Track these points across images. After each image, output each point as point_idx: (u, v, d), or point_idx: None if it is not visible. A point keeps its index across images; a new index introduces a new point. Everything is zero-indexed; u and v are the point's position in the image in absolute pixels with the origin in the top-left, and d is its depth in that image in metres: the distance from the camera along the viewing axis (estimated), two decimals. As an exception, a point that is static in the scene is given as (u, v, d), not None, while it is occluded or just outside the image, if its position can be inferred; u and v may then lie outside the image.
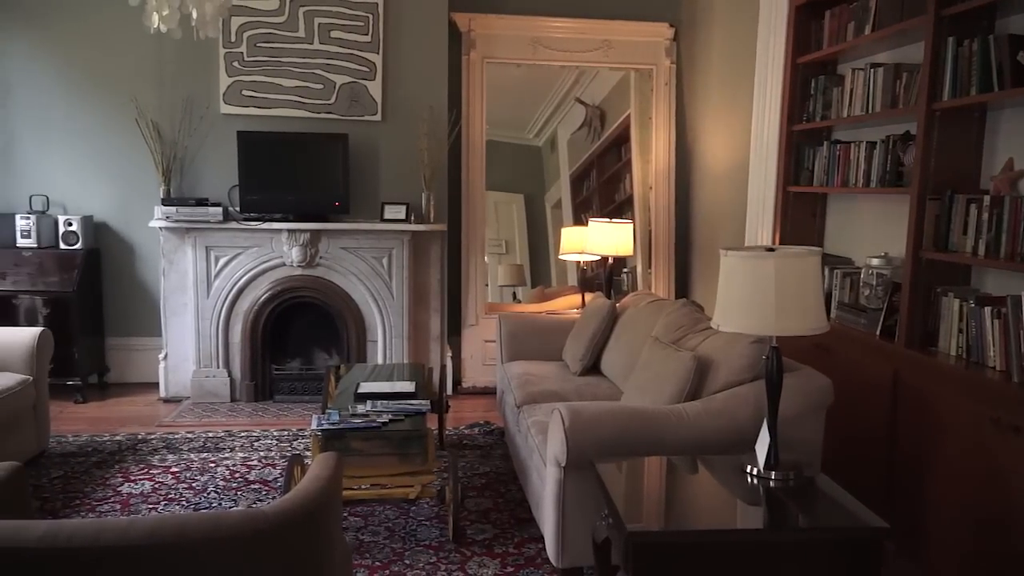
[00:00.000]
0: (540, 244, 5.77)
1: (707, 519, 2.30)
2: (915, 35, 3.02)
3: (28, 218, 4.94)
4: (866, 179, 3.30)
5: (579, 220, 5.60)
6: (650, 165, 5.54)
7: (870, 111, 3.28)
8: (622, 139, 5.61)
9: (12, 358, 3.78)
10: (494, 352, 4.89)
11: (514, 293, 5.87)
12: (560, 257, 5.54)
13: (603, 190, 5.69)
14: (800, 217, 3.87)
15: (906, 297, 2.92)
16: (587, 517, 2.58)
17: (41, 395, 3.86)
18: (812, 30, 3.73)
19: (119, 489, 3.54)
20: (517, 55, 5.37)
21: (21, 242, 4.95)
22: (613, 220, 5.11)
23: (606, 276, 5.14)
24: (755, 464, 2.35)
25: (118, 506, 3.37)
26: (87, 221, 5.05)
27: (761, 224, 4.18)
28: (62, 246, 4.97)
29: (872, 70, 3.27)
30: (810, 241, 3.82)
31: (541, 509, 2.90)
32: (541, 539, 3.00)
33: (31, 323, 4.77)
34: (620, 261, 5.46)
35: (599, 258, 5.21)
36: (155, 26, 2.89)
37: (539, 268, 5.81)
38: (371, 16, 4.93)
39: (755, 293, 2.25)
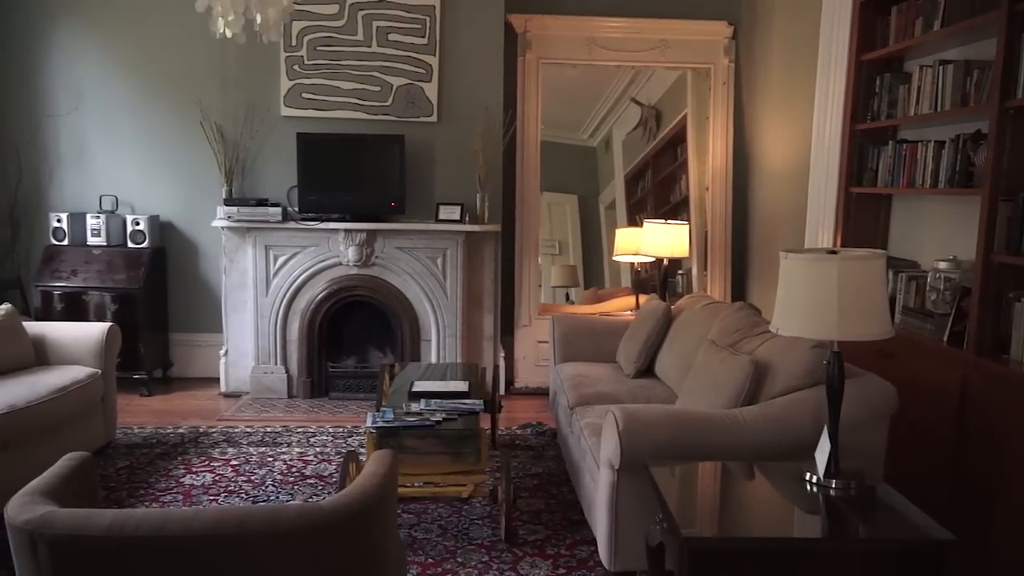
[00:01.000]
0: (593, 245, 5.74)
1: (764, 527, 2.26)
2: (987, 31, 2.91)
3: (98, 217, 5.13)
4: (934, 179, 3.20)
5: (633, 221, 5.55)
6: (707, 165, 5.46)
7: (939, 109, 3.17)
8: (678, 139, 5.55)
9: (82, 352, 3.93)
10: (547, 353, 4.89)
11: (567, 294, 5.86)
12: (614, 258, 5.50)
13: (658, 191, 5.64)
14: (863, 219, 3.77)
15: (976, 302, 2.82)
16: (640, 520, 2.56)
17: (109, 388, 4.00)
18: (877, 26, 3.63)
19: (181, 480, 3.65)
20: (573, 56, 5.35)
21: (91, 240, 5.14)
22: (668, 221, 5.06)
23: (661, 278, 5.08)
24: (815, 472, 2.29)
25: (180, 497, 3.47)
26: (153, 221, 5.22)
27: (822, 226, 4.09)
28: (130, 245, 5.14)
29: (941, 67, 3.16)
30: (873, 243, 3.71)
31: (594, 511, 2.89)
32: (593, 541, 2.98)
33: (100, 318, 4.94)
34: (675, 263, 5.39)
35: (654, 260, 5.16)
36: (221, 31, 2.97)
37: (592, 269, 5.78)
38: (428, 19, 4.97)
39: (817, 296, 2.20)
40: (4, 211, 5.29)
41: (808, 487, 2.29)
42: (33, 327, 4.01)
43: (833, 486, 2.25)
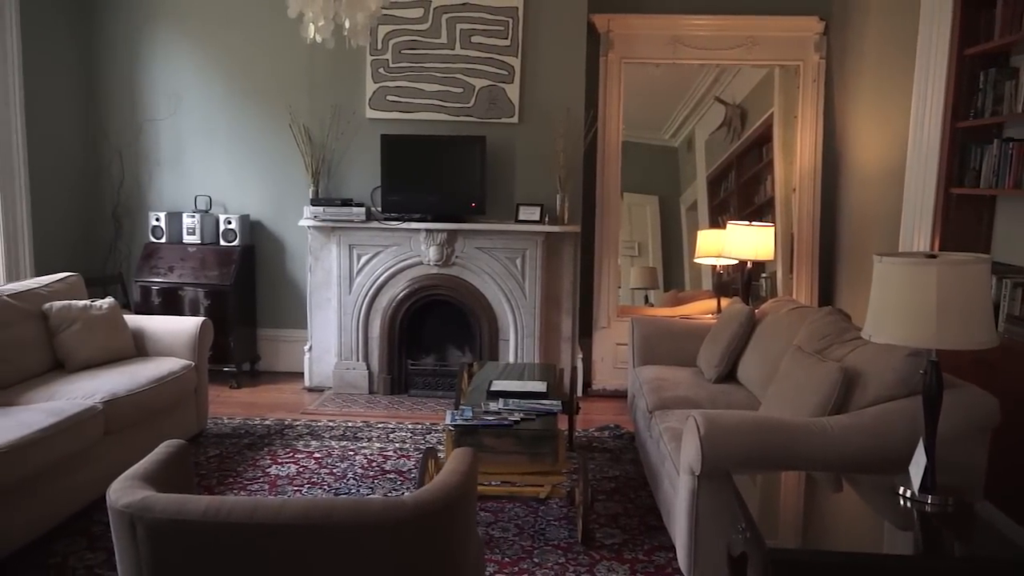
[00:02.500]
0: (674, 247, 5.65)
1: (852, 541, 2.17)
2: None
3: (193, 216, 5.36)
4: (1044, 180, 3.01)
5: (716, 223, 5.44)
6: (794, 166, 5.30)
7: (1050, 106, 2.99)
8: (764, 139, 5.41)
9: (177, 345, 4.11)
10: (625, 355, 4.84)
11: (646, 296, 5.79)
12: (695, 260, 5.40)
13: (742, 192, 5.50)
14: (964, 221, 3.58)
15: (1089, 311, 2.64)
16: (721, 529, 2.50)
17: (202, 379, 4.18)
18: (981, 20, 3.44)
19: (267, 470, 3.77)
20: (656, 55, 5.28)
21: (187, 239, 5.37)
22: (753, 223, 4.93)
23: (744, 281, 4.96)
24: (909, 486, 2.19)
25: (266, 486, 3.59)
26: (244, 220, 5.42)
27: (918, 228, 3.90)
28: (222, 243, 5.36)
29: (1053, 61, 2.98)
30: (975, 247, 3.52)
31: (673, 517, 2.84)
32: (672, 548, 2.93)
33: (194, 313, 5.16)
34: (759, 266, 5.25)
35: (737, 262, 5.04)
36: (311, 37, 3.06)
37: (672, 271, 5.70)
38: (511, 20, 5.00)
39: (914, 302, 2.10)
40: (107, 211, 5.59)
41: (901, 502, 2.19)
42: (133, 320, 4.22)
43: (929, 502, 2.15)
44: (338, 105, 5.13)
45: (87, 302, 3.97)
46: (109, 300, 4.08)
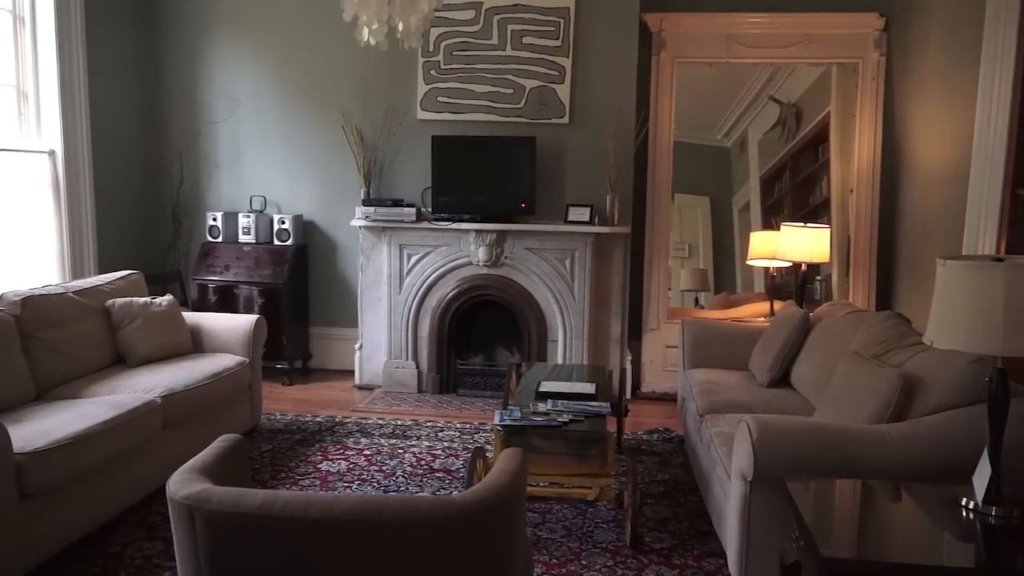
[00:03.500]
0: (725, 248, 5.57)
1: (910, 552, 2.11)
2: None
3: (248, 216, 5.48)
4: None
5: (769, 224, 5.35)
6: (851, 166, 5.17)
7: None
8: (820, 138, 5.29)
9: (233, 341, 4.20)
10: (675, 358, 4.79)
11: (696, 298, 5.72)
12: (747, 262, 5.31)
13: (796, 193, 5.39)
14: (1032, 223, 3.45)
15: None
16: (773, 536, 2.45)
17: (256, 376, 4.27)
18: (1053, 14, 3.31)
19: (319, 466, 3.83)
20: (709, 54, 5.21)
21: (242, 238, 5.50)
22: (808, 224, 4.83)
23: (798, 284, 4.86)
24: (972, 497, 2.12)
25: (317, 482, 3.65)
26: (297, 220, 5.52)
27: (983, 231, 3.77)
28: (276, 242, 5.46)
29: None
30: (1044, 251, 3.39)
31: (724, 523, 2.80)
32: (722, 554, 2.89)
33: (248, 311, 5.27)
34: (813, 268, 5.14)
35: (791, 265, 4.94)
36: (365, 39, 3.10)
37: (723, 273, 5.62)
38: (562, 21, 4.99)
39: (979, 307, 2.03)
40: (167, 211, 5.75)
41: (963, 513, 2.12)
42: (190, 317, 4.33)
43: (993, 513, 2.07)
44: (390, 107, 5.19)
45: (147, 299, 4.09)
46: (168, 297, 4.19)
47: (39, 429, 2.83)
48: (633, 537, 3.04)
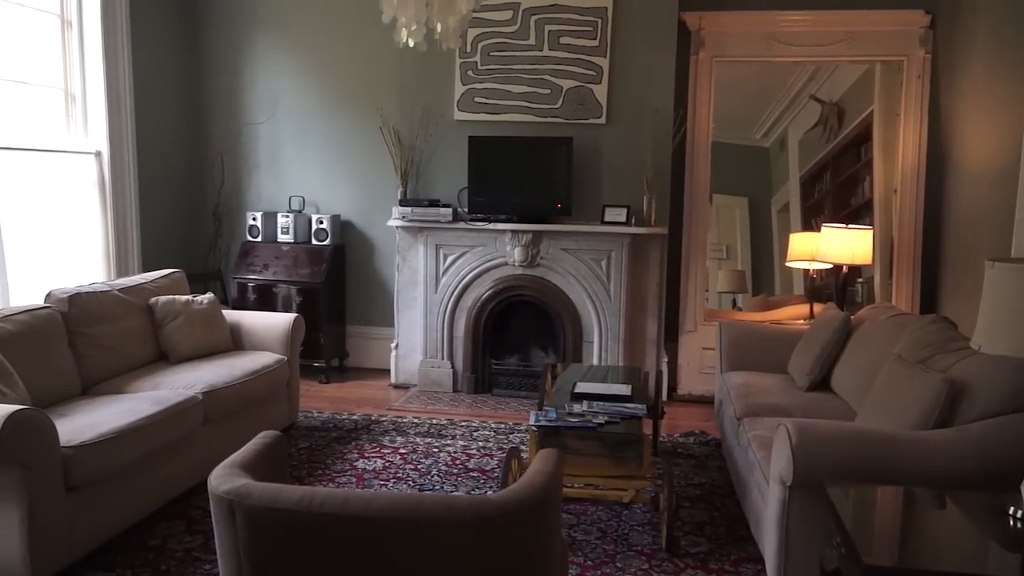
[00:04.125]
0: (763, 250, 5.50)
1: (955, 561, 2.05)
2: None
3: (287, 216, 5.55)
4: None
5: (809, 225, 5.26)
6: (895, 165, 5.07)
7: None
8: (862, 138, 5.19)
9: (271, 339, 4.26)
10: (712, 360, 4.75)
11: (734, 300, 5.65)
12: (787, 264, 5.24)
13: (837, 193, 5.30)
14: (1085, 226, 3.35)
15: None
16: (813, 542, 2.42)
17: (293, 374, 4.32)
18: (1109, 9, 3.21)
19: (355, 464, 3.86)
20: (749, 53, 5.15)
21: (281, 237, 5.57)
22: (850, 226, 4.74)
23: (839, 286, 4.78)
24: (1020, 506, 2.06)
25: (354, 479, 3.68)
26: (335, 220, 5.57)
27: (1033, 233, 3.67)
28: (314, 242, 5.53)
29: None
30: (1097, 254, 3.29)
31: (761, 528, 2.76)
32: (760, 560, 2.85)
33: (287, 309, 5.34)
34: (855, 270, 5.05)
35: (831, 266, 4.86)
36: (403, 41, 3.12)
37: (762, 275, 5.54)
38: (600, 20, 4.97)
39: (1030, 310, 1.98)
40: (209, 210, 5.85)
41: (1011, 522, 2.06)
42: (230, 315, 4.40)
43: (1043, 523, 2.02)
44: (427, 107, 5.22)
45: (189, 297, 4.16)
46: (209, 296, 4.26)
47: (85, 423, 2.90)
48: (669, 540, 3.02)
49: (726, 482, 3.69)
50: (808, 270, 5.25)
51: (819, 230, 4.89)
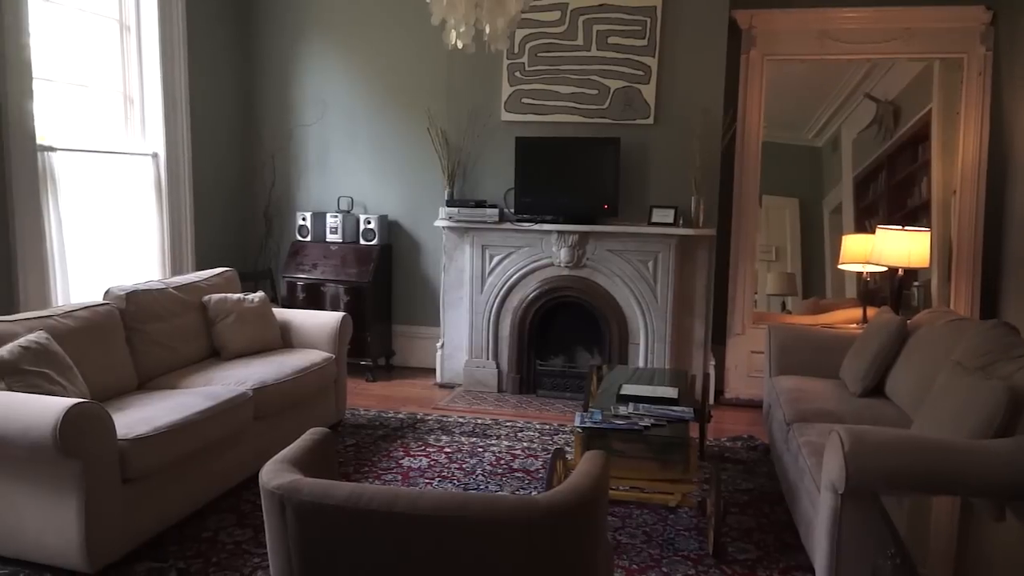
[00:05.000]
0: (814, 252, 5.38)
1: (1012, 575, 1.98)
2: None
3: (336, 216, 5.62)
4: None
5: (862, 227, 5.14)
6: (954, 166, 4.92)
7: None
8: (919, 137, 5.05)
9: (320, 338, 4.32)
10: (760, 364, 4.67)
11: (783, 303, 5.55)
12: (839, 267, 5.12)
13: (893, 194, 5.17)
14: None
15: None
16: (865, 552, 2.36)
17: (341, 372, 4.37)
18: None
19: (400, 462, 3.89)
20: (802, 50, 5.05)
21: (330, 237, 5.65)
22: (906, 228, 4.62)
23: (895, 289, 4.66)
24: (1088, 519, 1.98)
25: (399, 477, 3.71)
26: (382, 220, 5.63)
27: (1101, 236, 3.53)
28: (362, 242, 5.59)
29: None
30: None
31: (812, 537, 2.70)
32: (810, 569, 2.79)
33: (334, 308, 5.41)
34: (911, 273, 4.91)
35: (886, 269, 4.74)
36: (452, 43, 3.13)
37: (812, 278, 5.43)
38: (649, 20, 4.93)
39: (1099, 317, 1.90)
40: (260, 210, 5.96)
41: (1078, 536, 1.98)
42: (280, 313, 4.47)
43: (1112, 538, 1.93)
44: (474, 109, 5.24)
45: (241, 296, 4.24)
46: (260, 294, 4.34)
47: (141, 417, 2.98)
48: (716, 546, 2.97)
49: (775, 488, 3.62)
50: (861, 273, 5.13)
51: (873, 232, 4.78)
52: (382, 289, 5.65)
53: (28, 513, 2.67)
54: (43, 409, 2.56)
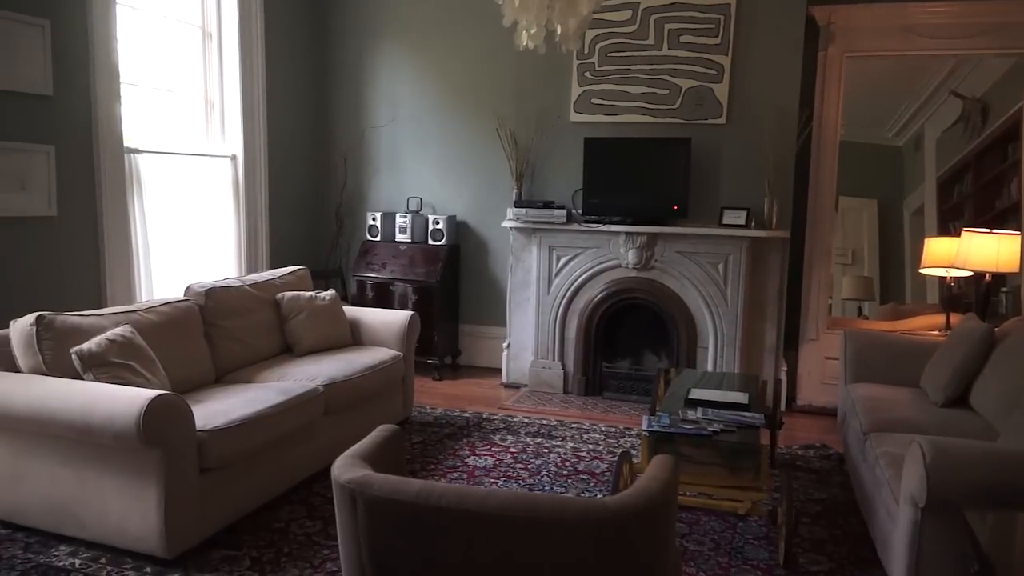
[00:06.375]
0: (893, 255, 5.20)
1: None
2: None
3: (405, 217, 5.70)
4: None
5: (946, 230, 4.93)
6: (1047, 167, 4.67)
7: None
8: (1010, 136, 4.81)
9: (388, 336, 4.39)
10: (835, 370, 4.53)
11: (859, 308, 5.38)
12: (920, 271, 4.93)
13: (980, 195, 4.94)
14: None
15: None
16: (946, 569, 2.26)
17: (408, 370, 4.43)
18: None
19: (466, 460, 3.92)
20: (883, 47, 4.88)
21: (399, 237, 5.73)
22: (994, 230, 4.41)
23: (981, 295, 4.45)
24: None
25: (465, 476, 3.73)
26: (451, 220, 5.68)
27: None
28: (430, 242, 5.65)
29: None
30: None
31: (889, 551, 2.60)
32: (887, 583, 2.69)
33: (403, 307, 5.49)
34: (999, 279, 4.69)
35: (972, 274, 4.53)
36: (523, 44, 3.13)
37: (890, 282, 5.24)
38: (722, 17, 4.84)
39: None
40: (331, 210, 6.09)
41: None
42: (350, 311, 4.55)
43: None
44: (543, 109, 5.24)
45: (312, 293, 4.34)
46: (331, 292, 4.43)
47: (218, 409, 3.08)
48: (787, 557, 2.89)
49: (849, 499, 3.51)
50: (945, 278, 4.92)
51: (958, 235, 4.58)
52: (449, 289, 5.70)
53: (112, 500, 2.78)
54: (128, 400, 2.67)
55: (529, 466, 3.86)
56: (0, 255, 3.70)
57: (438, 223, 5.62)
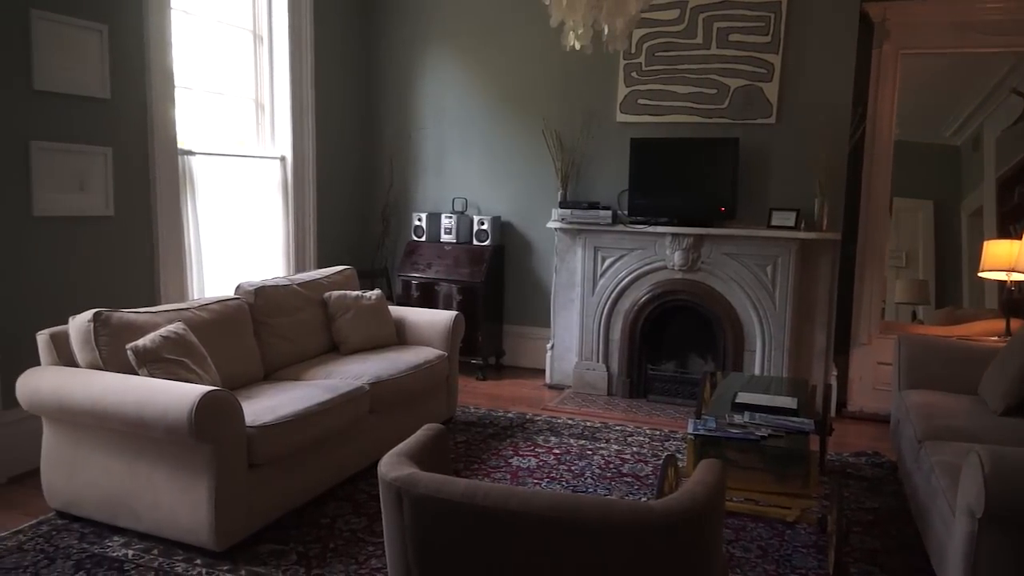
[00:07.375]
0: (950, 258, 5.05)
1: None
2: None
3: (451, 217, 5.73)
4: None
5: (1007, 232, 4.77)
6: (1114, 168, 4.50)
7: None
8: (1074, 136, 4.65)
9: (433, 335, 4.41)
10: (887, 376, 4.43)
11: (914, 312, 5.24)
12: (979, 275, 4.78)
13: (1042, 198, 4.77)
14: None
15: None
16: (1007, 582, 2.18)
17: (453, 369, 4.45)
18: None
19: (510, 461, 3.92)
20: (940, 44, 4.74)
21: (444, 238, 5.76)
22: (1056, 234, 4.26)
23: (1042, 300, 4.30)
24: None
25: (508, 476, 3.73)
26: (495, 221, 5.69)
27: None
28: (475, 242, 5.67)
29: None
30: None
31: (945, 563, 2.52)
32: (942, 596, 2.61)
33: (447, 307, 5.51)
34: (1062, 283, 4.53)
35: (1033, 278, 4.38)
36: (571, 44, 3.12)
37: (946, 285, 5.09)
38: (773, 15, 4.76)
39: None
40: (377, 211, 6.16)
41: None
42: (395, 311, 4.59)
43: None
44: (589, 110, 5.22)
45: (359, 293, 4.39)
46: (377, 292, 4.48)
47: (267, 406, 3.13)
48: (837, 566, 2.82)
49: (902, 508, 3.41)
50: (1005, 281, 4.76)
51: (1019, 237, 4.43)
52: (494, 289, 5.71)
53: (164, 493, 2.85)
54: (180, 395, 2.73)
55: (573, 468, 3.85)
56: (60, 254, 3.82)
57: (483, 224, 5.64)
